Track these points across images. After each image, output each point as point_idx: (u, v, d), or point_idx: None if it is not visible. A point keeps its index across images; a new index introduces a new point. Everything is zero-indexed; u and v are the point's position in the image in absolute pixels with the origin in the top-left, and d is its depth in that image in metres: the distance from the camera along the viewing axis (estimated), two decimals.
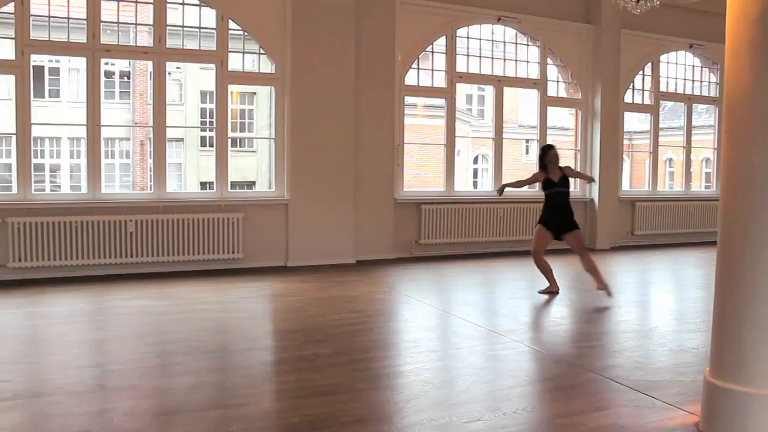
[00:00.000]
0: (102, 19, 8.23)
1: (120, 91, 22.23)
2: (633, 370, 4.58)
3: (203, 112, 22.10)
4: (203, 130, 22.60)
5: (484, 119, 26.97)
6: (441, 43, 10.37)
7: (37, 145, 19.38)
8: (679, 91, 12.90)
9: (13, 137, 8.03)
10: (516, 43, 11.19)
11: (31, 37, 7.91)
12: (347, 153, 9.31)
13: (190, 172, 22.18)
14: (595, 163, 11.50)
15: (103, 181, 8.46)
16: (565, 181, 7.31)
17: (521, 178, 7.74)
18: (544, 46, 11.20)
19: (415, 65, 10.14)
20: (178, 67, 21.32)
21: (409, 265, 9.25)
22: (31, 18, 7.90)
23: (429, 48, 10.34)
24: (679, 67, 12.79)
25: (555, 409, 3.87)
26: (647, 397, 4.01)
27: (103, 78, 8.75)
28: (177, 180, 21.67)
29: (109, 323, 6.03)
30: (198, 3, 8.71)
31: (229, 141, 9.00)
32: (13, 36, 7.83)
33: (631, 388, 4.17)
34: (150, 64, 8.95)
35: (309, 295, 7.15)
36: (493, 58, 11.01)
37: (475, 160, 28.06)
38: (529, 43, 11.26)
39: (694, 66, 13.00)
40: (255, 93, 22.71)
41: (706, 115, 16.01)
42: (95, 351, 5.23)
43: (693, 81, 12.99)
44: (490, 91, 12.77)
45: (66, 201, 8.48)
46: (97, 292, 7.28)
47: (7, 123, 8.87)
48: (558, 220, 7.25)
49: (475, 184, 26.64)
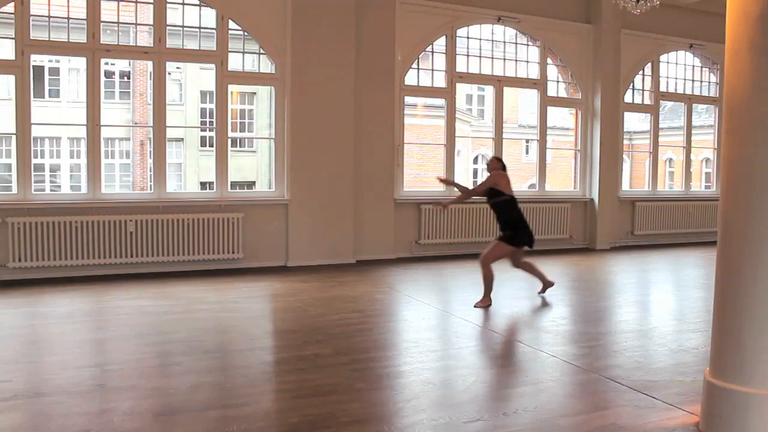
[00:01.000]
0: (102, 19, 8.23)
1: (120, 91, 22.22)
2: (633, 370, 4.58)
3: (203, 112, 22.10)
4: (203, 130, 22.61)
5: (484, 119, 26.97)
6: (441, 43, 10.37)
7: (37, 145, 19.41)
8: (679, 91, 12.90)
9: (13, 137, 8.04)
10: (516, 43, 11.19)
11: (31, 37, 7.91)
12: (347, 153, 9.31)
13: (190, 172, 22.19)
14: (595, 163, 11.50)
15: (103, 181, 8.46)
16: (489, 193, 6.87)
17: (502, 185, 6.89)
18: (544, 46, 11.20)
19: (415, 65, 10.14)
20: (178, 67, 21.32)
21: (409, 265, 9.25)
22: (31, 18, 7.90)
23: (429, 48, 10.35)
24: (679, 67, 12.80)
25: (555, 410, 3.87)
26: (647, 397, 4.01)
27: (103, 78, 8.75)
28: (177, 180, 21.67)
29: (109, 323, 6.03)
30: (198, 3, 8.71)
31: (229, 141, 9.00)
32: (13, 36, 7.83)
33: (631, 388, 4.17)
34: (150, 64, 8.95)
35: (309, 295, 7.16)
36: (493, 58, 11.01)
37: (475, 160, 28.05)
38: (529, 43, 11.26)
39: (694, 66, 13.00)
40: (255, 93, 22.71)
41: (705, 115, 16.02)
42: (95, 351, 5.23)
43: (693, 81, 12.99)
44: (490, 91, 12.78)
45: (66, 201, 8.48)
46: (97, 292, 7.28)
47: (7, 123, 8.87)
48: (517, 235, 6.87)
49: (474, 185, 26.58)
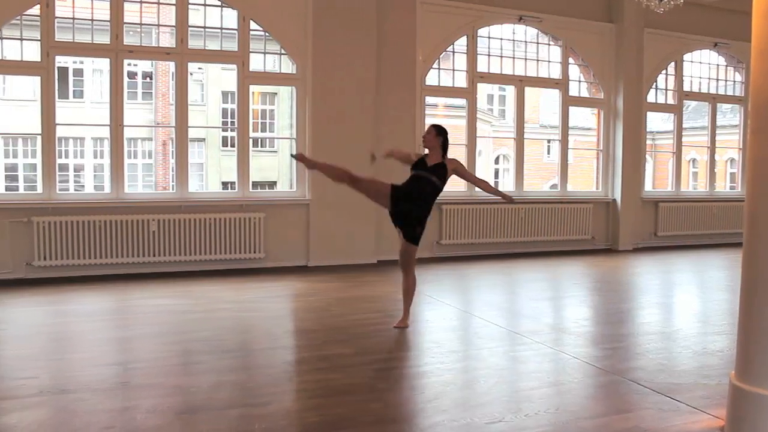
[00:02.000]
0: (125, 20, 8.31)
1: (142, 92, 22.43)
2: (656, 372, 4.53)
3: (224, 113, 22.24)
4: (225, 130, 22.76)
5: (505, 119, 26.84)
6: (462, 43, 10.34)
7: (61, 145, 19.60)
8: (704, 90, 12.74)
9: (39, 137, 8.14)
10: (537, 43, 11.13)
11: (56, 39, 8.01)
12: (368, 153, 9.28)
13: (211, 172, 22.35)
14: (618, 163, 11.40)
15: (126, 180, 8.54)
16: (436, 172, 5.83)
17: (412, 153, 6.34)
18: (566, 46, 11.12)
19: (436, 65, 10.12)
20: (199, 68, 21.47)
21: (430, 266, 9.23)
22: (56, 20, 7.99)
23: (450, 48, 10.32)
24: (703, 66, 12.64)
25: (577, 411, 3.83)
26: (671, 400, 3.96)
27: (126, 79, 8.82)
28: (199, 180, 21.82)
29: (132, 322, 6.09)
30: (219, 4, 8.76)
31: (250, 141, 9.05)
32: (38, 38, 7.94)
33: (654, 391, 4.13)
34: (172, 64, 9.02)
35: (330, 295, 7.17)
36: (514, 58, 10.96)
37: (496, 161, 27.95)
38: (551, 42, 11.20)
39: (718, 65, 12.83)
40: (276, 93, 22.83)
41: (730, 115, 15.84)
42: (118, 349, 5.28)
43: (717, 80, 12.83)
44: (511, 91, 12.72)
45: (90, 200, 8.58)
46: (120, 290, 7.35)
47: (33, 123, 8.98)
48: (401, 209, 5.80)
49: (496, 185, 26.45)
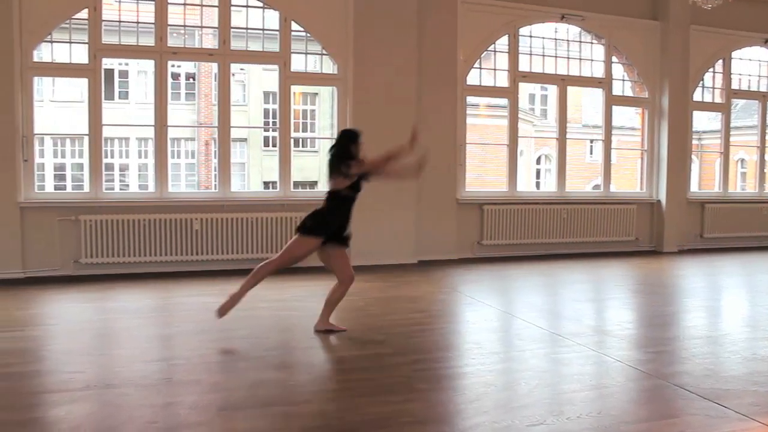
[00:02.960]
0: (169, 22, 8.45)
1: (186, 93, 22.78)
2: (703, 377, 4.42)
3: (266, 113, 22.44)
4: (266, 131, 22.97)
5: (547, 119, 26.56)
6: (503, 42, 10.25)
7: (107, 145, 19.98)
8: (753, 88, 12.43)
9: (86, 138, 8.33)
10: (580, 42, 10.99)
11: (102, 42, 8.18)
12: (408, 153, 9.26)
13: (253, 172, 22.57)
14: (663, 163, 11.18)
15: (169, 180, 8.68)
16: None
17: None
18: (609, 44, 10.94)
19: (477, 65, 10.06)
20: (241, 69, 21.68)
21: (471, 266, 9.18)
22: (102, 23, 8.16)
23: (491, 47, 10.24)
24: (753, 64, 12.32)
25: (620, 415, 3.76)
26: (718, 407, 3.86)
27: (169, 80, 8.97)
28: (240, 179, 22.06)
29: (175, 319, 6.19)
30: (261, 5, 8.84)
31: (291, 141, 9.12)
32: (86, 41, 8.11)
33: (700, 396, 4.02)
34: (215, 65, 9.12)
35: (370, 295, 7.17)
36: (556, 57, 10.82)
37: (538, 161, 27.67)
38: (594, 41, 11.04)
39: None
40: (317, 93, 22.97)
41: None
42: (161, 345, 5.37)
43: None
44: (553, 90, 12.58)
45: (134, 199, 8.75)
46: (164, 288, 7.48)
47: (81, 124, 9.19)
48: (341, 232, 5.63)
49: (537, 185, 26.26)
